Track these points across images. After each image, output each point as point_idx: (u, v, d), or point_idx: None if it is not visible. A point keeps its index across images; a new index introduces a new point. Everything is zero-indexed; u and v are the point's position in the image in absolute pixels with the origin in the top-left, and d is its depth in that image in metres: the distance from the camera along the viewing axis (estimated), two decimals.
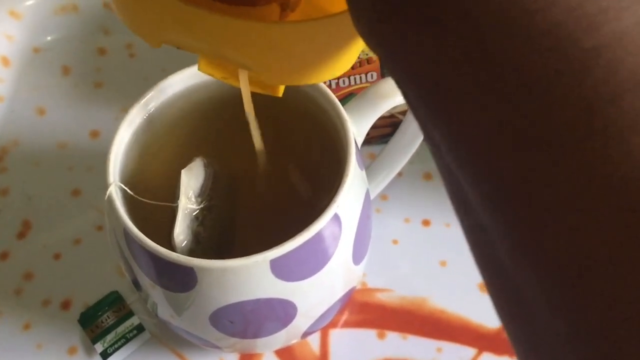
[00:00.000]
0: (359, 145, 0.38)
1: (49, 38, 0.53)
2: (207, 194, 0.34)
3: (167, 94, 0.37)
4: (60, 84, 0.52)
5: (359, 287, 0.43)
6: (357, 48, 0.26)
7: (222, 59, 0.26)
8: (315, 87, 0.36)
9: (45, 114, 0.51)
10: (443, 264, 0.44)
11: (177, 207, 0.33)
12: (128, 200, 0.34)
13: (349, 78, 0.42)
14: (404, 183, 0.47)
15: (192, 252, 0.33)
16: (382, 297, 0.43)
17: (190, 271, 0.31)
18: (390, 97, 0.36)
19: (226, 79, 0.28)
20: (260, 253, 0.31)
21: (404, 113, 0.43)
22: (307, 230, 0.31)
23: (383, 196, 0.46)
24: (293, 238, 0.31)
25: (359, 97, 0.37)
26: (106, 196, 0.32)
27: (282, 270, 0.32)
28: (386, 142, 0.42)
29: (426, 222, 0.46)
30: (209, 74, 0.28)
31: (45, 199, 0.47)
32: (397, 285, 0.44)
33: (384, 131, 0.46)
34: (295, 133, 0.38)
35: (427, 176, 0.48)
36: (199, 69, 0.28)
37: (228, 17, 0.23)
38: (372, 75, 0.42)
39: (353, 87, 0.43)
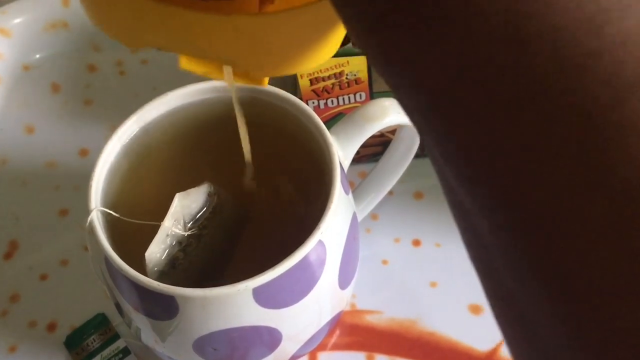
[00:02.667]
0: (346, 167, 0.37)
1: (38, 56, 0.53)
2: (200, 222, 0.33)
3: (154, 114, 0.37)
4: (50, 102, 0.52)
5: (348, 308, 0.43)
6: (341, 34, 0.25)
7: (204, 57, 0.25)
8: (302, 111, 0.36)
9: (34, 132, 0.50)
10: (433, 285, 0.44)
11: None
12: (113, 223, 0.34)
13: (337, 98, 0.42)
14: (395, 202, 0.46)
15: (163, 274, 0.32)
16: (371, 319, 0.43)
17: (171, 299, 0.30)
18: (378, 119, 0.36)
19: (209, 74, 0.27)
20: (242, 282, 0.30)
21: (394, 132, 0.42)
22: (290, 258, 0.31)
23: (373, 215, 0.46)
24: (275, 266, 0.30)
25: (346, 119, 0.37)
26: (87, 222, 0.32)
27: (266, 298, 0.31)
28: (377, 160, 0.42)
29: (417, 242, 0.46)
30: (191, 71, 0.27)
31: (32, 219, 0.47)
32: (387, 307, 0.43)
33: (375, 150, 0.46)
34: (282, 156, 0.38)
35: (418, 195, 0.47)
36: (180, 67, 0.27)
37: (205, 14, 0.22)
38: (360, 95, 0.42)
39: (342, 107, 0.43)
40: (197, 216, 0.33)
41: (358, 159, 0.46)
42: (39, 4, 0.53)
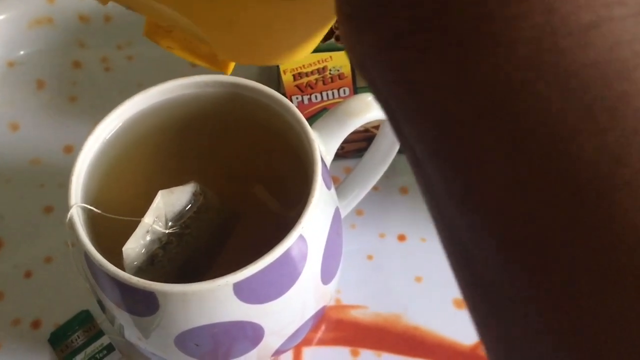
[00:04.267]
0: (329, 162, 0.37)
1: (22, 52, 0.53)
2: (183, 221, 0.33)
3: (136, 110, 0.37)
4: (35, 99, 0.52)
5: (333, 303, 0.43)
6: (323, 31, 0.24)
7: (173, 25, 0.24)
8: (284, 106, 0.36)
9: (19, 130, 0.50)
10: (418, 279, 0.44)
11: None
12: (94, 219, 0.34)
13: (321, 94, 0.42)
14: (380, 197, 0.46)
15: (141, 270, 0.32)
16: (356, 314, 0.43)
17: (151, 295, 0.30)
18: (360, 115, 0.36)
19: (171, 49, 0.26)
20: (223, 277, 0.30)
21: (378, 127, 0.42)
22: (271, 253, 0.30)
23: (358, 211, 0.46)
24: (256, 261, 0.30)
25: (328, 115, 0.37)
26: (67, 218, 0.32)
27: (247, 293, 0.31)
28: (362, 155, 0.42)
29: (402, 237, 0.46)
30: (154, 41, 0.26)
31: (17, 217, 0.47)
32: (372, 302, 0.43)
33: (360, 145, 0.46)
34: (264, 152, 0.38)
35: (403, 190, 0.47)
36: (144, 34, 0.26)
37: None
38: (344, 90, 0.42)
39: (325, 103, 0.43)
40: (180, 215, 0.33)
41: (343, 154, 0.46)
42: (23, 0, 0.53)
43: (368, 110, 0.36)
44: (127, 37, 0.53)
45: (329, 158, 0.37)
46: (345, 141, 0.37)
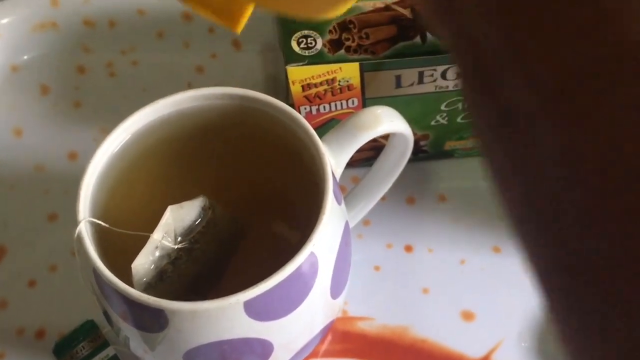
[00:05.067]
0: (339, 176, 0.37)
1: (26, 57, 0.52)
2: (192, 236, 0.33)
3: (144, 122, 0.36)
4: (39, 104, 0.51)
5: (340, 315, 0.42)
6: None
7: None
8: (294, 118, 0.35)
9: (22, 135, 0.50)
10: (425, 291, 0.44)
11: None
12: (102, 232, 0.34)
13: (329, 104, 0.42)
14: (387, 207, 0.46)
15: (150, 286, 0.32)
16: (363, 326, 0.43)
17: (161, 313, 0.30)
18: (370, 128, 0.36)
19: (186, 3, 0.24)
20: (233, 295, 0.30)
21: (387, 137, 0.42)
22: (282, 271, 0.30)
23: (365, 221, 0.45)
24: (267, 279, 0.30)
25: (338, 128, 0.36)
26: (75, 234, 0.32)
27: (257, 311, 0.31)
28: (370, 164, 0.42)
29: (409, 248, 0.45)
30: None
31: (20, 224, 0.46)
32: (379, 314, 0.43)
33: (368, 154, 0.46)
34: (274, 166, 0.37)
35: (410, 200, 0.47)
36: None
37: None
38: (353, 101, 0.42)
39: (334, 113, 0.42)
40: (189, 230, 0.33)
41: (350, 163, 0.46)
42: (27, 3, 0.52)
43: (379, 123, 0.36)
44: (132, 42, 0.53)
45: (339, 171, 0.37)
46: None
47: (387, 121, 0.36)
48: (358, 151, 0.43)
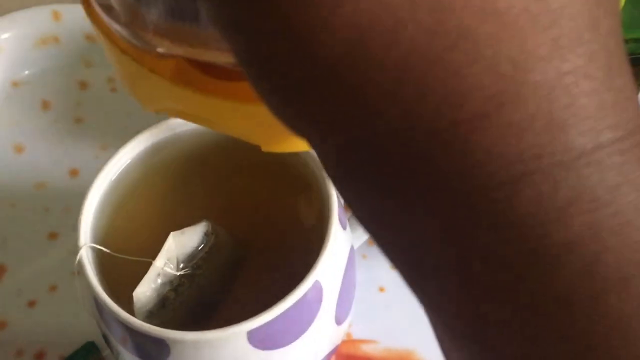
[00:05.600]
0: (342, 200, 0.36)
1: (27, 72, 0.52)
2: (195, 262, 0.32)
3: (146, 145, 0.36)
4: (40, 120, 0.51)
5: (344, 338, 0.42)
6: None
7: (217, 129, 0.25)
8: None
9: (23, 152, 0.49)
10: None
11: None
12: (104, 258, 0.33)
13: None
14: None
15: (152, 314, 0.31)
16: (367, 349, 0.42)
17: (163, 342, 0.30)
18: None
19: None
20: (237, 325, 0.29)
21: None
22: (285, 300, 0.30)
23: (370, 241, 0.45)
24: (270, 308, 0.29)
25: None
26: (76, 260, 0.31)
27: (260, 340, 0.30)
28: None
29: None
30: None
31: (20, 242, 0.46)
32: (383, 336, 0.42)
33: None
34: (276, 187, 0.37)
35: None
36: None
37: (214, 98, 0.22)
38: None
39: None
40: (192, 256, 0.32)
41: None
42: (28, 18, 0.52)
43: None
44: None
45: None
46: None
47: None
48: None
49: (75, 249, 0.43)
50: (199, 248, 0.32)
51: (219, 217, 0.34)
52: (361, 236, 0.41)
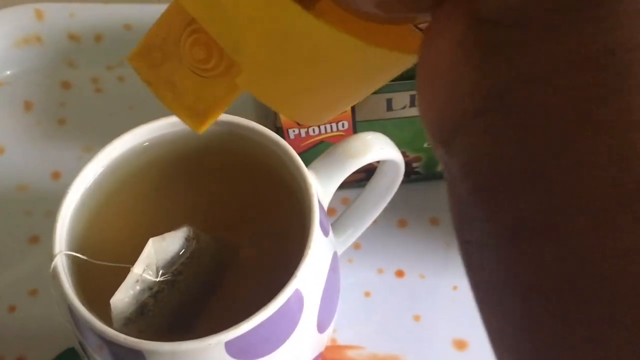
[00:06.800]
0: (326, 205, 0.36)
1: (9, 72, 0.51)
2: (175, 267, 0.32)
3: (123, 149, 0.35)
4: (22, 121, 0.50)
5: (328, 343, 0.41)
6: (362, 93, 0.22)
7: (167, 59, 0.22)
8: (280, 145, 0.34)
9: (4, 153, 0.49)
10: (417, 318, 0.43)
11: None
12: (80, 264, 0.32)
13: (319, 127, 0.40)
14: (378, 231, 0.45)
15: (130, 321, 0.30)
16: (352, 355, 0.41)
17: (138, 353, 0.29)
18: (360, 155, 0.35)
19: (149, 85, 0.23)
20: (214, 335, 0.29)
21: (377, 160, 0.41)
22: (264, 309, 0.29)
23: (356, 245, 0.44)
24: (249, 318, 0.29)
25: (327, 155, 0.35)
26: (51, 268, 0.30)
27: (239, 350, 0.30)
28: (361, 186, 0.41)
29: (400, 273, 0.44)
30: (135, 68, 0.23)
31: (0, 246, 0.45)
32: (369, 342, 0.42)
33: (359, 176, 0.44)
34: (260, 195, 0.36)
35: (402, 223, 0.46)
36: (128, 57, 0.23)
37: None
38: (343, 124, 0.40)
39: (323, 136, 0.41)
40: (172, 262, 0.31)
41: (341, 184, 0.44)
42: (10, 17, 0.51)
43: (368, 150, 0.35)
44: (119, 57, 0.51)
45: (327, 200, 0.35)
46: None
47: (377, 148, 0.35)
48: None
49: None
50: (180, 253, 0.32)
51: (199, 222, 0.34)
52: (346, 241, 0.41)
